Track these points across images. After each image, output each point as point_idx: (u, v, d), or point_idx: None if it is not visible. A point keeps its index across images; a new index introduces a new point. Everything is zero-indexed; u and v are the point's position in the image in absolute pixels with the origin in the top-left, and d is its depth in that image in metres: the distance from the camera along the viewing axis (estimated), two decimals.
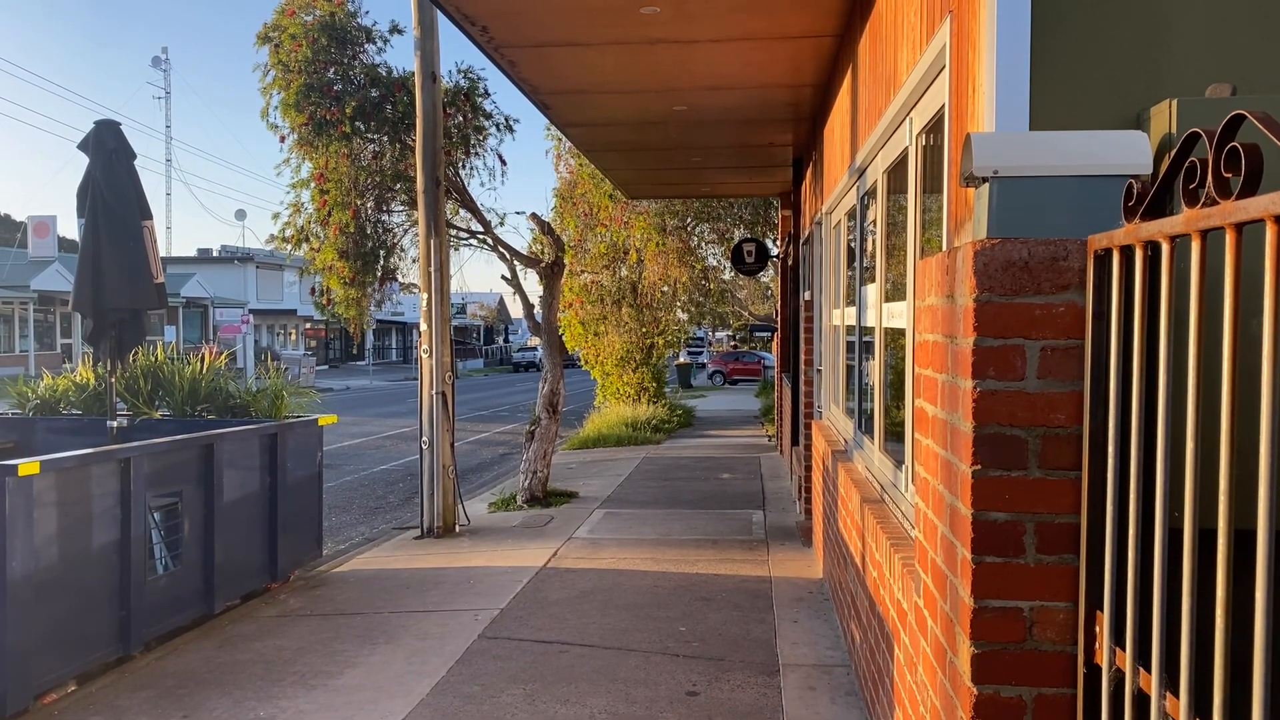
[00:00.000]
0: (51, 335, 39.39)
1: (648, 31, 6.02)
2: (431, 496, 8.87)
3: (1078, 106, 2.38)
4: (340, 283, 10.37)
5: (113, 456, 5.25)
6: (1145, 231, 1.61)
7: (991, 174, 2.08)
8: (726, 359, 38.97)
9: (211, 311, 45.15)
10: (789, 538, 8.26)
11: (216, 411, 7.26)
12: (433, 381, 8.88)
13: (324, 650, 5.50)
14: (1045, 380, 1.96)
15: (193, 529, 5.93)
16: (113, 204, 6.16)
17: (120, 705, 4.74)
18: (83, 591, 5.01)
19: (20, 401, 7.25)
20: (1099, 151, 2.04)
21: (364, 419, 23.36)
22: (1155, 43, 2.39)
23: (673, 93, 7.64)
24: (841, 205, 6.50)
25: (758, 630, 5.71)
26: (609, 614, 6.06)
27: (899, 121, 4.02)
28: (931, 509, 2.44)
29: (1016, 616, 2.01)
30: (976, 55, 2.55)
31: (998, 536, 2.00)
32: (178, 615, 5.80)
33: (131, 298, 6.22)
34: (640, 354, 19.21)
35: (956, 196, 2.83)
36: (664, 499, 10.43)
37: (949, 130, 2.97)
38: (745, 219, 18.44)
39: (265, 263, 50.46)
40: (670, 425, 18.18)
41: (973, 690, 2.02)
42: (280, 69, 9.51)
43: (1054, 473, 1.97)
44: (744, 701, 4.64)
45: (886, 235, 4.59)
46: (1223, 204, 1.35)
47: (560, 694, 4.74)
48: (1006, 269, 1.95)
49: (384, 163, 10.18)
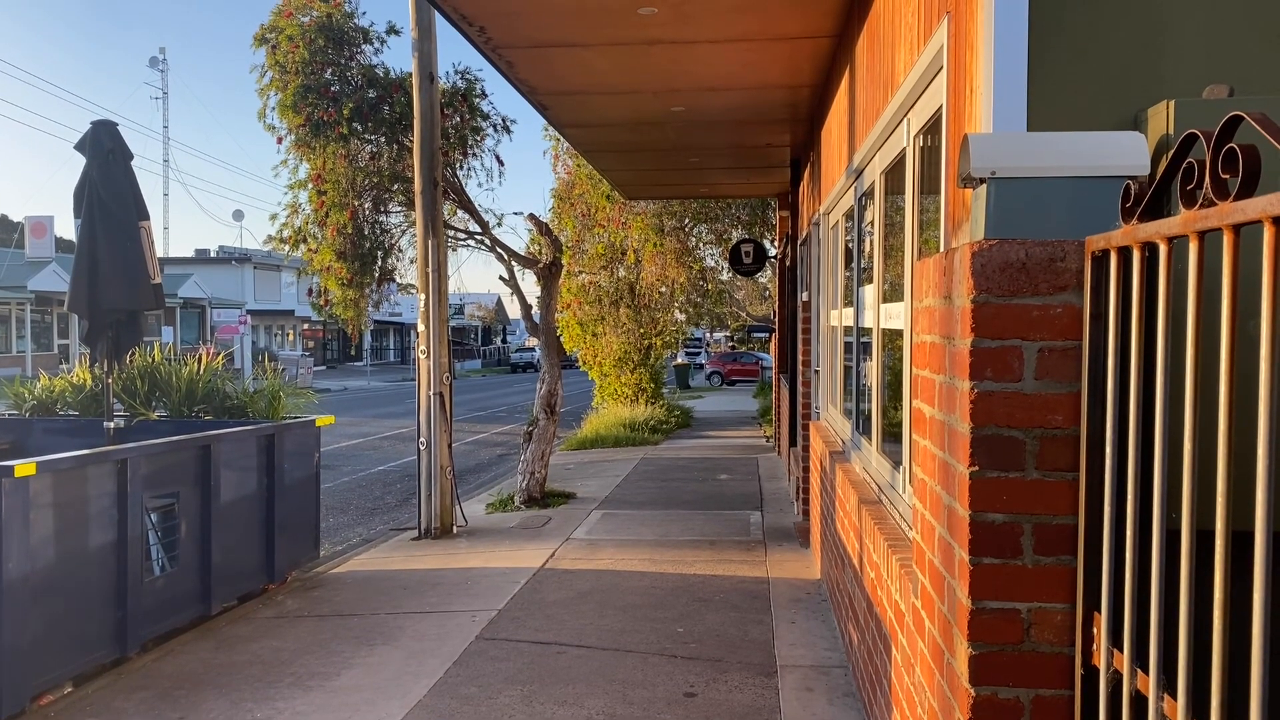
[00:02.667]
0: (49, 336, 39.32)
1: (645, 32, 6.02)
2: (429, 497, 8.86)
3: (1075, 107, 2.38)
4: (338, 283, 10.37)
5: (109, 457, 5.24)
6: (1143, 233, 1.61)
7: (989, 175, 2.08)
8: (724, 360, 38.97)
9: (209, 312, 45.10)
10: (786, 538, 8.26)
11: (214, 412, 7.25)
12: (430, 382, 8.87)
13: (321, 651, 5.49)
14: (1043, 381, 1.96)
15: (190, 530, 5.92)
16: (110, 204, 6.15)
17: (117, 707, 4.73)
18: (79, 593, 4.99)
19: (17, 402, 7.25)
20: (1097, 152, 2.04)
21: (361, 420, 23.34)
22: (1152, 44, 2.39)
23: (671, 93, 7.64)
24: (839, 206, 6.50)
25: (755, 631, 5.71)
26: (607, 615, 6.05)
27: (896, 122, 4.02)
28: (929, 510, 2.44)
29: (1014, 618, 2.00)
30: (974, 56, 2.54)
31: (995, 538, 2.00)
32: (175, 616, 5.79)
33: (128, 299, 6.21)
34: (638, 355, 19.21)
35: (954, 197, 2.83)
36: (662, 500, 10.42)
37: (946, 131, 2.97)
38: (743, 220, 18.43)
39: (263, 263, 50.41)
40: (668, 426, 18.17)
41: (970, 691, 2.02)
42: (277, 70, 9.51)
43: (1052, 474, 1.97)
44: (742, 703, 4.63)
45: (884, 236, 4.59)
46: (1220, 205, 1.35)
47: (558, 695, 4.74)
48: (1004, 270, 1.95)
49: (381, 164, 10.17)
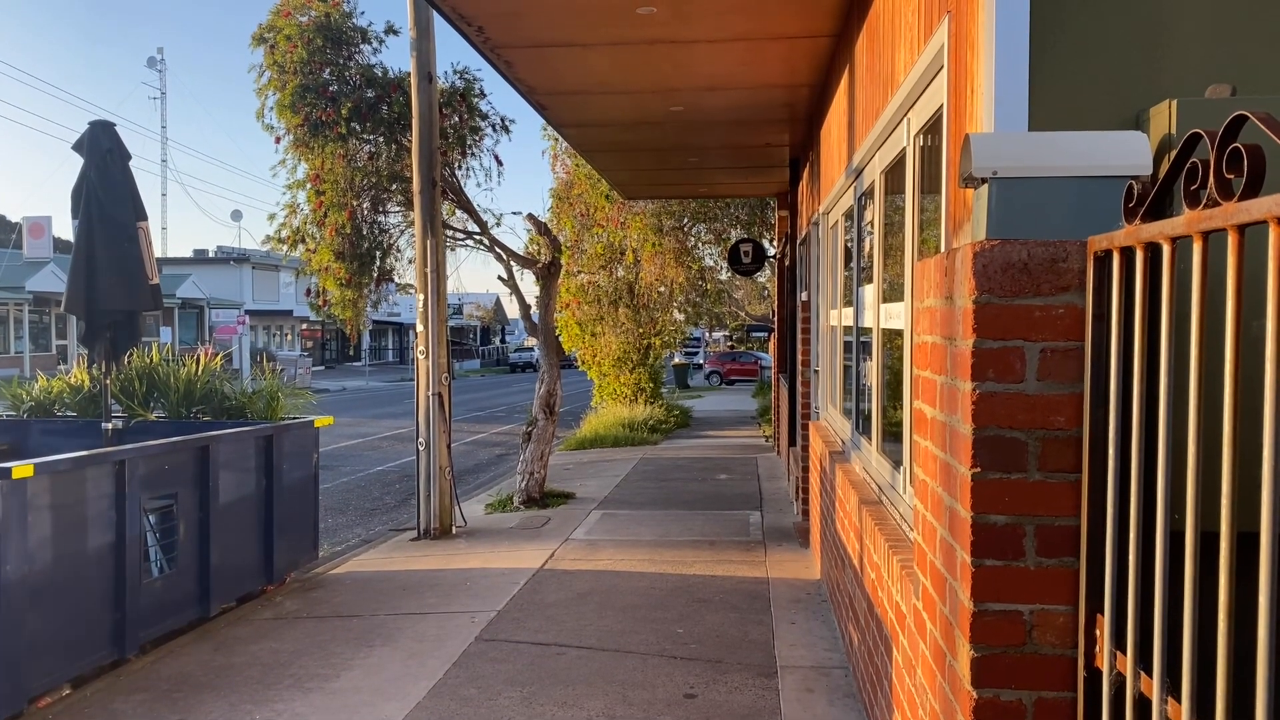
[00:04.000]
0: (47, 337, 39.28)
1: (644, 31, 6.01)
2: (428, 498, 8.85)
3: (1077, 107, 2.37)
4: (336, 284, 10.35)
5: (107, 459, 5.23)
6: (1146, 233, 1.60)
7: (991, 175, 2.07)
8: (723, 359, 38.96)
9: (207, 312, 45.07)
10: (786, 539, 8.25)
11: (212, 413, 7.24)
12: (429, 382, 8.86)
13: (320, 653, 5.48)
14: (1045, 382, 1.95)
15: (188, 531, 5.91)
16: (107, 205, 6.14)
17: (115, 708, 4.72)
18: (77, 594, 4.98)
19: (15, 404, 7.23)
20: (1099, 152, 2.03)
21: (361, 420, 23.33)
22: (1155, 43, 2.38)
23: (670, 93, 7.63)
24: (839, 206, 6.49)
25: (755, 632, 5.70)
26: (606, 616, 6.04)
27: (896, 122, 4.01)
28: (930, 511, 2.43)
29: (1016, 619, 1.99)
30: (975, 55, 2.53)
31: (997, 539, 1.99)
32: (173, 618, 5.78)
33: (126, 299, 6.20)
34: (637, 354, 19.19)
35: (955, 197, 2.82)
36: (661, 500, 10.41)
37: (947, 131, 2.96)
38: (742, 219, 18.42)
39: (261, 264, 50.38)
40: (667, 426, 18.16)
41: (972, 694, 2.01)
42: (275, 70, 9.49)
43: (1054, 475, 1.96)
44: (742, 704, 4.62)
45: (884, 236, 4.58)
46: (1225, 205, 1.34)
47: (557, 696, 4.73)
48: (1006, 270, 1.94)
49: (380, 163, 10.15)
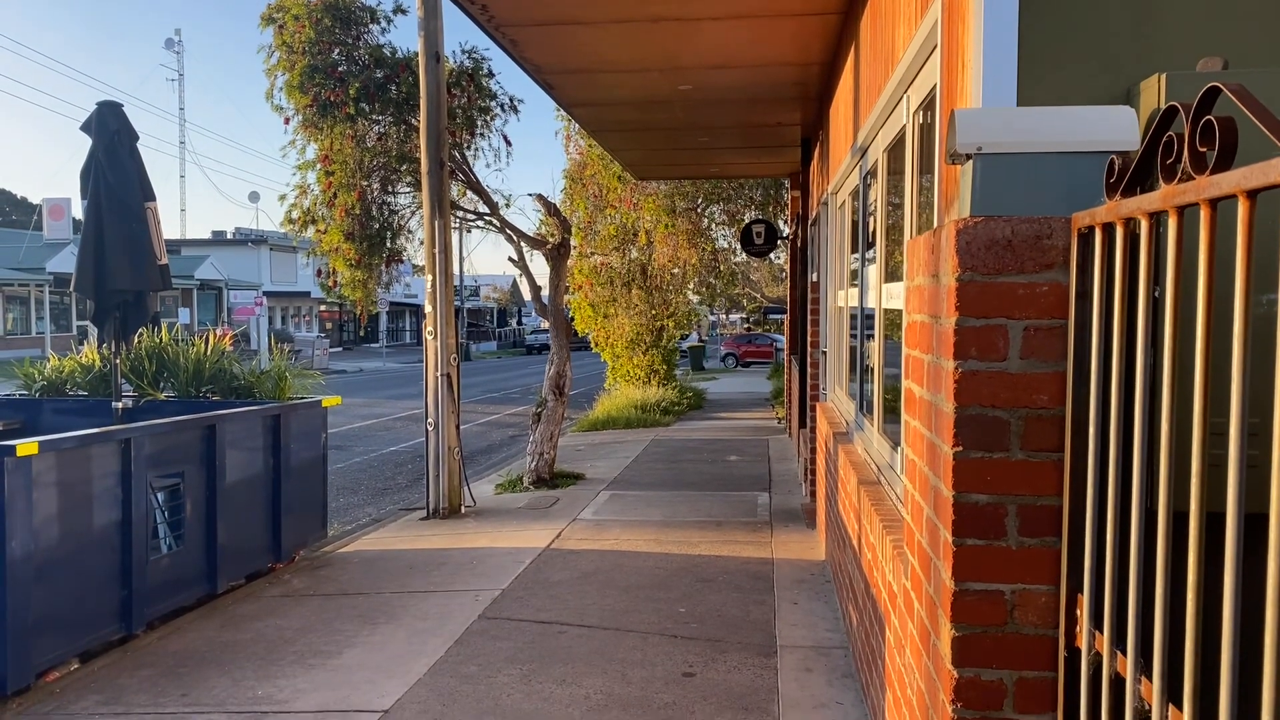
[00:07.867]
0: (67, 317, 39.66)
1: (649, 9, 5.96)
2: (437, 478, 8.89)
3: (1067, 82, 2.33)
4: (346, 264, 10.38)
5: (113, 437, 5.27)
6: (1125, 209, 1.58)
7: (976, 151, 2.04)
8: (739, 341, 38.88)
9: (226, 294, 45.34)
10: (793, 520, 8.25)
11: (221, 393, 7.29)
12: (437, 364, 8.88)
13: (325, 630, 5.53)
14: (1028, 361, 1.93)
15: (195, 509, 5.96)
16: (115, 186, 6.16)
17: (121, 684, 4.78)
18: (84, 571, 5.04)
19: (27, 383, 7.30)
20: (1085, 127, 1.99)
21: (375, 400, 23.45)
22: (1147, 17, 2.34)
23: (677, 71, 7.57)
24: (846, 185, 6.44)
25: (757, 612, 5.70)
26: (609, 595, 6.06)
27: (897, 99, 3.96)
28: (918, 491, 2.42)
29: (998, 599, 1.98)
30: (965, 30, 2.50)
31: (979, 518, 1.97)
32: (181, 595, 5.84)
33: (134, 279, 6.23)
34: (650, 336, 19.18)
35: (947, 175, 2.79)
36: (670, 481, 10.42)
37: (940, 107, 2.92)
38: (756, 200, 18.32)
39: (279, 245, 50.61)
40: (680, 408, 18.16)
41: (953, 673, 2.00)
42: (284, 50, 9.49)
43: (1036, 454, 1.94)
44: (740, 682, 4.64)
45: (886, 215, 4.54)
46: (1198, 179, 1.31)
47: (557, 674, 4.75)
48: (989, 248, 1.92)
49: (389, 144, 10.14)
